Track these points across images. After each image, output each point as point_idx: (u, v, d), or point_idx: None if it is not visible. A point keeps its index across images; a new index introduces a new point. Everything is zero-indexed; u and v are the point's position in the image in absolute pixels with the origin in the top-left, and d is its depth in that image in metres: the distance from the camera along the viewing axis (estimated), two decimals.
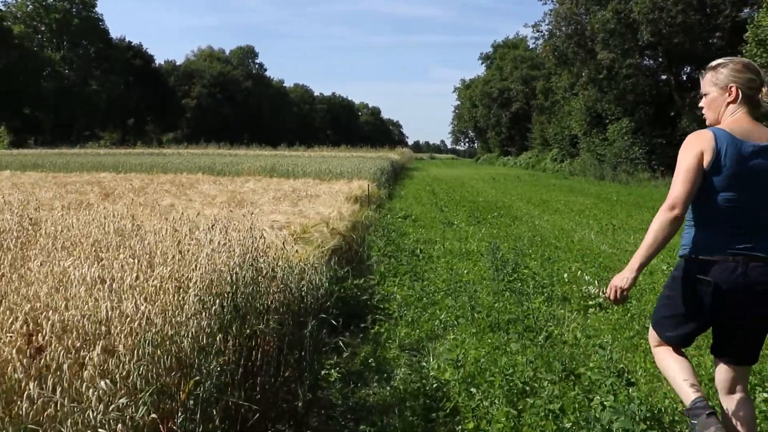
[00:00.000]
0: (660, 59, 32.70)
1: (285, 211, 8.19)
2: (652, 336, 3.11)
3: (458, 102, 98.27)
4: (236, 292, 3.29)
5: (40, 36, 77.56)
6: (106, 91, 74.51)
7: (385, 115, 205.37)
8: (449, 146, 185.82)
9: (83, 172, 18.99)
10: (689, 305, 2.85)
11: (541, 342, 4.63)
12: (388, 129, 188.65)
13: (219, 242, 3.90)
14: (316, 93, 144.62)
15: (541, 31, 34.08)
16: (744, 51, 21.21)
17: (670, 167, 30.53)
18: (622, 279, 2.76)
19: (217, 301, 3.12)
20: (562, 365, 3.93)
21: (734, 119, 2.82)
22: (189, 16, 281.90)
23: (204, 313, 2.97)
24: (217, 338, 2.95)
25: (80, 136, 64.47)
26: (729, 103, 2.85)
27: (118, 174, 18.30)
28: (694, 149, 2.75)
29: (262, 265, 3.90)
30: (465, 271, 7.46)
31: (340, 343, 4.56)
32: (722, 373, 2.96)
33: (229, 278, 3.35)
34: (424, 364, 4.41)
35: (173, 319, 2.80)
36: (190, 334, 2.76)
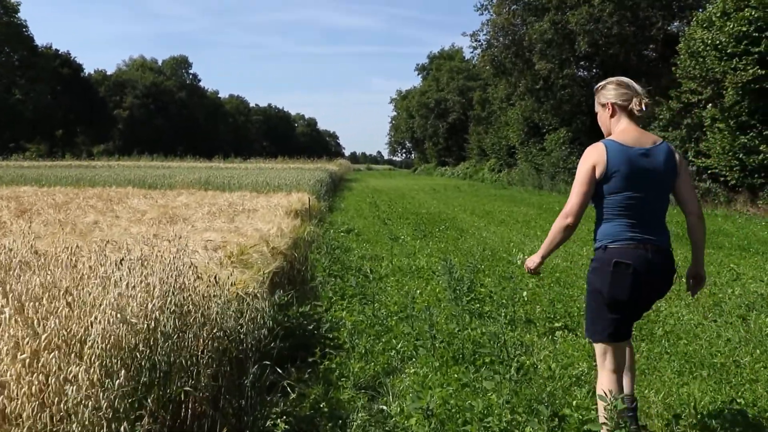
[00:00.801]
0: (595, 70, 33.17)
1: (220, 228, 7.49)
2: (598, 353, 3.32)
3: (395, 113, 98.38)
4: (155, 347, 2.62)
5: None
6: (32, 101, 71.41)
7: (322, 126, 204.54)
8: (386, 157, 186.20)
9: (1, 186, 17.73)
10: (612, 290, 3.15)
11: (514, 375, 4.12)
12: (324, 140, 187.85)
13: (131, 282, 3.13)
14: (252, 104, 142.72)
15: (479, 41, 34.09)
16: (678, 62, 21.55)
17: None
18: (533, 262, 3.48)
19: (128, 364, 2.44)
20: (545, 406, 3.40)
21: (621, 130, 3.27)
22: (119, 25, 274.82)
23: (107, 385, 2.27)
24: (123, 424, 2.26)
25: (4, 148, 61.36)
26: (611, 117, 3.34)
27: (41, 188, 17.10)
28: (588, 164, 3.22)
29: (191, 307, 3.24)
30: (418, 291, 6.92)
31: (286, 384, 3.93)
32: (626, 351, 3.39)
33: (145, 327, 2.68)
34: (384, 407, 3.84)
35: (53, 407, 2.06)
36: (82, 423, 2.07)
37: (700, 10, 23.35)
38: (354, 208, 18.87)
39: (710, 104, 20.50)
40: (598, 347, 3.30)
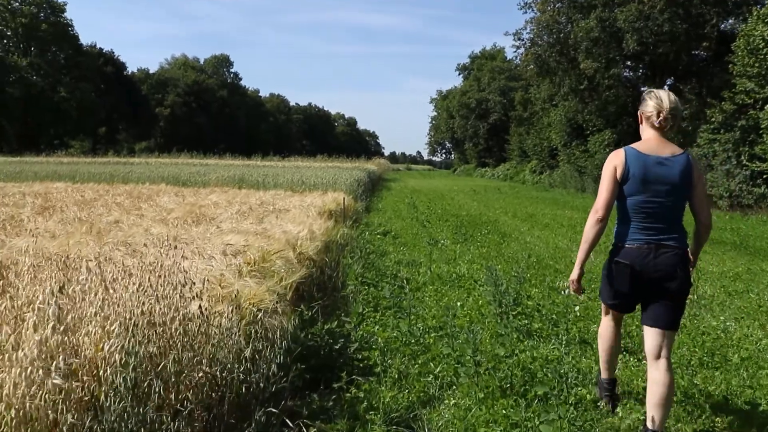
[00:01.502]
0: (642, 70, 32.04)
1: (246, 230, 6.97)
2: (603, 307, 3.98)
3: (435, 113, 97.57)
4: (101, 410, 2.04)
5: (6, 41, 75.26)
6: (76, 99, 72.38)
7: (362, 125, 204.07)
8: (426, 157, 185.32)
9: (35, 182, 17.58)
10: (616, 282, 3.62)
11: (572, 413, 3.49)
12: (364, 139, 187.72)
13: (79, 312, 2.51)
14: (292, 103, 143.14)
15: (522, 40, 33.17)
16: (735, 60, 20.50)
17: None
18: (573, 274, 3.75)
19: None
20: None
21: (645, 139, 3.64)
22: (161, 26, 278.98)
23: None
24: None
25: (49, 144, 62.22)
26: (641, 125, 3.72)
27: (74, 184, 16.93)
28: (610, 165, 3.62)
29: (175, 340, 2.65)
30: (459, 304, 6.30)
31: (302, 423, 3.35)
32: (649, 340, 3.55)
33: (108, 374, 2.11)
34: None
35: None
36: None
37: (760, 6, 22.19)
38: (392, 209, 18.28)
39: None
40: (603, 305, 3.96)
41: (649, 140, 3.57)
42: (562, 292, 6.28)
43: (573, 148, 36.42)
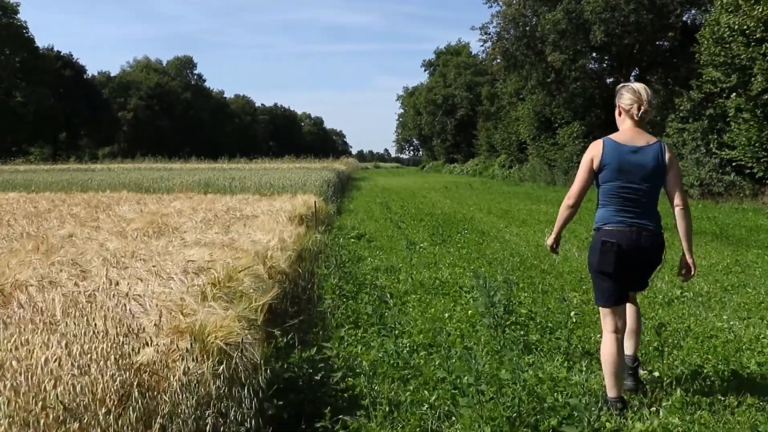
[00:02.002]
0: (608, 62, 31.97)
1: (211, 241, 6.41)
2: (602, 316, 3.96)
3: (402, 110, 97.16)
4: None
5: None
6: (33, 104, 70.42)
7: (329, 124, 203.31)
8: (393, 155, 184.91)
9: None
10: (602, 262, 3.80)
11: None
12: (331, 139, 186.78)
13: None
14: (258, 104, 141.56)
15: (489, 34, 32.91)
16: (702, 50, 20.41)
17: None
18: (549, 240, 4.34)
19: None
20: None
21: (622, 130, 3.91)
22: (123, 27, 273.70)
23: None
24: None
25: (7, 151, 60.39)
26: (619, 116, 3.96)
27: (28, 194, 16.09)
28: (588, 156, 3.90)
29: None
30: (446, 315, 5.83)
31: None
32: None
33: None
34: None
35: None
36: None
37: None
38: (364, 210, 17.79)
39: (735, 93, 19.34)
40: (602, 311, 3.94)
41: (626, 131, 3.84)
42: (565, 302, 5.83)
43: (542, 141, 36.33)
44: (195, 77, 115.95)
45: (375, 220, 14.63)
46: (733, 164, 20.50)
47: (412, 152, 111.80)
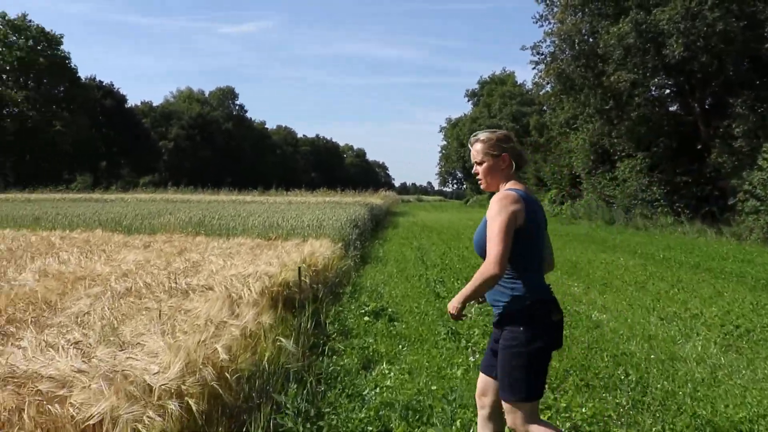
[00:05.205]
0: (677, 84, 28.01)
1: (66, 368, 3.06)
2: (527, 414, 3.16)
3: (445, 142, 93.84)
4: None
5: (5, 76, 72.85)
6: (72, 133, 69.49)
7: (371, 157, 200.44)
8: (436, 188, 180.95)
9: None
10: (551, 344, 3.19)
11: None
12: (374, 171, 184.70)
13: None
14: (300, 135, 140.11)
15: (542, 54, 29.35)
16: None
17: (696, 209, 25.84)
18: (454, 307, 3.25)
19: None
20: None
21: (514, 182, 3.34)
22: (168, 61, 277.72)
23: None
24: None
25: (46, 178, 59.02)
26: (503, 169, 3.36)
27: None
28: (509, 210, 3.11)
29: None
30: None
31: None
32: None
33: None
34: None
35: None
36: None
37: None
38: (395, 258, 14.30)
39: None
40: (529, 407, 3.18)
41: (518, 182, 3.36)
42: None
43: (599, 175, 32.57)
44: (237, 108, 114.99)
45: (406, 279, 11.05)
46: None
47: (455, 185, 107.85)
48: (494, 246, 3.02)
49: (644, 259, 14.44)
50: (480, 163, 3.39)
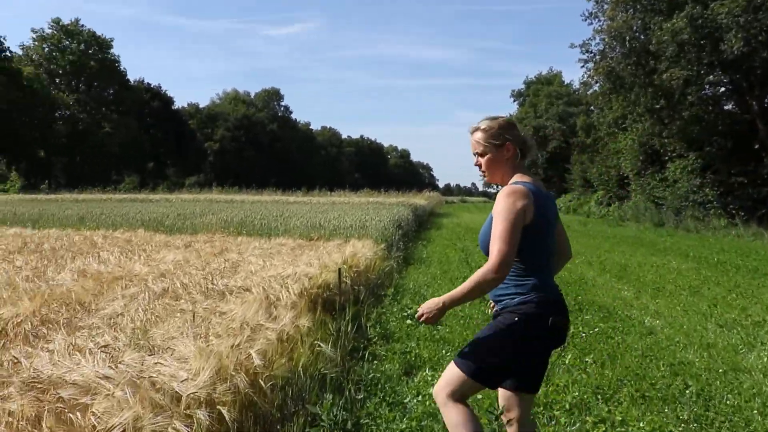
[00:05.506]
0: (734, 82, 27.05)
1: (92, 376, 2.91)
2: (451, 385, 2.95)
3: None
4: None
5: (58, 80, 74.86)
6: (120, 134, 71.00)
7: (415, 158, 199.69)
8: (480, 189, 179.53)
9: (4, 227, 14.20)
10: (546, 345, 2.95)
11: None
12: (418, 172, 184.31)
13: None
14: (344, 136, 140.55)
15: (591, 52, 28.67)
16: None
17: (752, 211, 24.89)
18: (431, 310, 2.93)
19: None
20: None
21: (521, 173, 3.06)
22: (212, 63, 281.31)
23: None
24: None
25: (95, 179, 60.48)
26: (508, 159, 3.09)
27: (34, 230, 13.37)
28: (517, 206, 2.83)
29: None
30: None
31: None
32: (523, 406, 3.02)
33: None
34: None
35: None
36: None
37: None
38: (438, 259, 14.02)
39: None
40: (468, 384, 2.95)
41: (526, 174, 3.09)
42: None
43: (648, 176, 31.71)
44: (282, 109, 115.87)
45: (450, 281, 10.75)
46: None
47: (498, 186, 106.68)
48: (498, 245, 2.75)
49: (697, 263, 13.87)
50: (482, 155, 3.14)
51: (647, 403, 4.82)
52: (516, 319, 2.87)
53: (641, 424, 4.27)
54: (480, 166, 3.17)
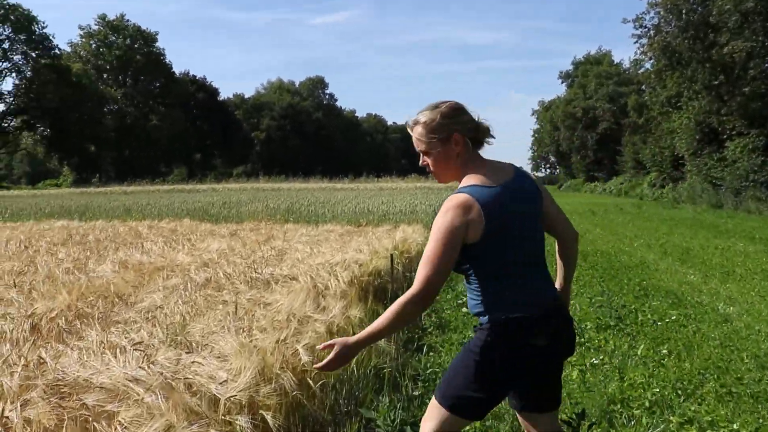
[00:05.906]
0: None
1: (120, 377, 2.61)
2: (433, 419, 2.53)
3: (537, 125, 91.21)
4: None
5: (105, 75, 76.28)
6: (167, 126, 72.00)
7: None
8: (529, 172, 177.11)
9: (52, 220, 14.28)
10: (515, 374, 2.45)
11: None
12: None
13: None
14: (390, 122, 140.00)
15: (645, 27, 27.58)
16: None
17: None
18: (332, 358, 2.35)
19: None
20: None
21: (474, 171, 2.49)
22: (256, 54, 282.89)
23: None
24: None
25: (144, 172, 61.56)
26: (459, 154, 2.53)
27: (81, 222, 13.39)
28: (453, 225, 2.33)
29: None
30: None
31: None
32: (545, 422, 2.64)
33: None
34: None
35: None
36: None
37: None
38: None
39: None
40: (448, 419, 2.53)
41: (482, 167, 2.53)
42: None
43: (705, 156, 30.49)
44: (327, 97, 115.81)
45: None
46: None
47: (548, 170, 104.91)
48: (425, 271, 2.31)
49: (765, 245, 13.10)
50: (426, 153, 2.59)
51: (735, 400, 4.33)
52: (488, 339, 2.43)
53: (735, 426, 3.80)
54: (427, 166, 2.63)
